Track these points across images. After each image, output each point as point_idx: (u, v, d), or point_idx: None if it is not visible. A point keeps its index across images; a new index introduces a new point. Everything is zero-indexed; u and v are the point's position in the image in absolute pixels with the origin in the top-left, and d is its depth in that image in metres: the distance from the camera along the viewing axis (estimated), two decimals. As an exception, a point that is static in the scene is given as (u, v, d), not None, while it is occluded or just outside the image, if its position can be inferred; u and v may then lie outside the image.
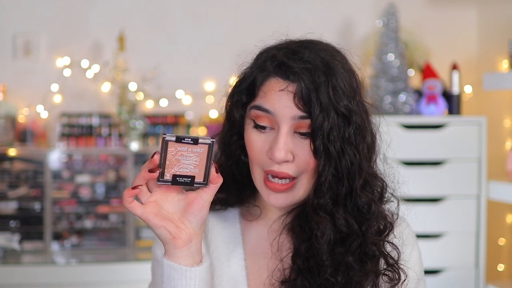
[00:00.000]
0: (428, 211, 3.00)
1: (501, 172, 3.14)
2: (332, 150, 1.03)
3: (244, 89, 1.10)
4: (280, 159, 1.03)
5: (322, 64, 1.04)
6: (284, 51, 1.06)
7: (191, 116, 3.68)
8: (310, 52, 1.05)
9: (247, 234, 1.18)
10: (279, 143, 1.03)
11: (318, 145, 1.03)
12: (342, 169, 1.04)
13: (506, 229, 3.32)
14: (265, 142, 1.06)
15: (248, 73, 1.11)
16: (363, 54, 3.45)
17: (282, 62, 1.04)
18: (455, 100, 3.19)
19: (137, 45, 3.65)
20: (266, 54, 1.10)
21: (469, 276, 3.02)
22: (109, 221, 3.55)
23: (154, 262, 1.15)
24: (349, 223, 1.05)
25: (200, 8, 3.74)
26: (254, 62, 1.12)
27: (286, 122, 1.03)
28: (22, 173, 3.52)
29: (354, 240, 1.06)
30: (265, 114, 1.05)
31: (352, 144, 1.04)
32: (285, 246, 1.13)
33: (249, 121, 1.08)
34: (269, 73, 1.06)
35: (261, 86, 1.07)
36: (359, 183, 1.05)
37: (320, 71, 1.03)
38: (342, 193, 1.05)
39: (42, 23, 3.66)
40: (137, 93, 3.55)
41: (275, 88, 1.04)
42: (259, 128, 1.06)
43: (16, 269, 3.22)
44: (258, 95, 1.06)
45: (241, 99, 1.10)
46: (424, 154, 3.03)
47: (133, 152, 3.54)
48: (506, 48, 3.01)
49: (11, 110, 3.58)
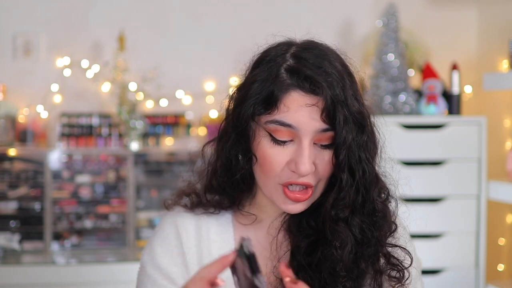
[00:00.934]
0: (428, 211, 3.00)
1: (501, 172, 3.14)
2: (354, 163, 1.03)
3: (259, 101, 1.04)
4: (305, 172, 1.02)
5: (337, 74, 1.03)
6: (297, 61, 1.04)
7: (191, 116, 3.68)
8: (323, 60, 1.04)
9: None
10: (304, 156, 1.02)
11: (342, 160, 1.03)
12: (360, 178, 1.04)
13: (506, 229, 3.32)
14: (285, 155, 1.04)
15: (260, 85, 1.05)
16: (363, 54, 3.45)
17: (305, 75, 1.02)
18: (455, 100, 3.19)
19: (137, 45, 3.65)
20: (272, 63, 1.06)
21: (469, 276, 3.02)
22: (109, 221, 3.55)
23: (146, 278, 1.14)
24: (364, 231, 1.06)
25: (200, 8, 3.74)
26: (257, 69, 1.08)
27: (308, 135, 1.02)
28: (22, 173, 3.52)
29: (368, 246, 1.06)
30: (286, 129, 1.02)
31: (367, 151, 1.05)
32: (283, 245, 1.13)
33: (263, 134, 1.05)
34: (289, 85, 1.02)
35: (282, 99, 1.02)
36: (375, 190, 1.07)
37: (339, 82, 1.02)
38: (359, 201, 1.06)
39: (42, 23, 3.66)
40: (137, 93, 3.55)
41: (300, 103, 1.02)
42: (279, 142, 1.04)
43: (16, 269, 3.22)
44: (279, 109, 1.02)
45: (257, 112, 1.04)
46: (424, 154, 3.03)
47: (133, 152, 3.54)
48: (506, 48, 3.01)
49: (11, 110, 3.58)
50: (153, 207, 3.58)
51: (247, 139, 1.07)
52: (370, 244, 1.06)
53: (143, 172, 3.61)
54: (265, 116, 1.04)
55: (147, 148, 3.65)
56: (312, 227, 1.11)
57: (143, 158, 3.62)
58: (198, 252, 1.14)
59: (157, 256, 1.14)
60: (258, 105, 1.04)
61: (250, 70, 1.10)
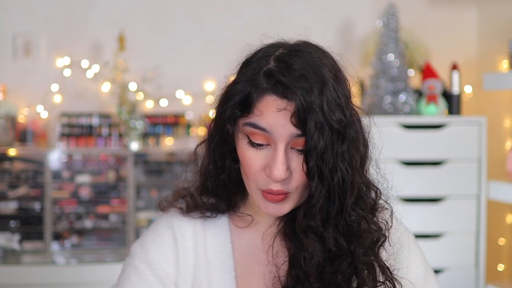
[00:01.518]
0: (428, 211, 3.00)
1: (501, 172, 3.14)
2: (325, 171, 1.00)
3: (236, 103, 1.04)
4: (278, 177, 1.00)
5: (316, 78, 1.00)
6: (277, 65, 1.02)
7: (191, 116, 3.69)
8: (303, 64, 1.01)
9: (238, 242, 1.16)
10: (277, 162, 1.00)
11: (312, 166, 1.00)
12: (334, 188, 1.01)
13: (506, 229, 3.32)
14: (261, 158, 1.03)
15: (239, 87, 1.05)
16: (363, 54, 3.45)
17: (278, 80, 1.00)
18: (455, 100, 3.19)
19: (137, 45, 3.65)
20: (256, 64, 1.05)
21: (469, 276, 3.02)
22: (109, 221, 3.56)
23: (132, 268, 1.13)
24: (338, 242, 1.03)
25: (200, 8, 3.74)
26: (241, 71, 1.08)
27: (283, 140, 1.01)
28: (22, 173, 3.52)
29: (343, 259, 1.04)
30: (261, 132, 1.01)
31: (345, 160, 1.01)
32: (280, 252, 1.11)
33: (242, 136, 1.04)
34: (264, 90, 1.01)
35: (256, 103, 1.01)
36: (350, 200, 1.03)
37: (315, 87, 0.99)
38: (333, 212, 1.03)
39: (42, 23, 3.66)
40: (137, 93, 3.55)
41: (272, 107, 1.00)
42: (254, 145, 1.03)
43: (16, 269, 3.22)
44: (253, 113, 1.02)
45: (235, 114, 1.04)
46: (424, 154, 3.03)
47: (133, 152, 3.54)
48: (506, 48, 3.01)
49: (11, 110, 3.58)
50: (153, 207, 3.58)
51: (230, 140, 1.07)
52: (345, 257, 1.03)
53: (143, 172, 3.61)
54: (242, 118, 1.04)
55: (147, 148, 3.65)
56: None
57: (143, 158, 3.62)
58: (195, 255, 1.13)
59: (149, 251, 1.13)
60: (235, 107, 1.04)
61: (238, 71, 1.10)
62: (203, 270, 1.12)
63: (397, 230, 1.15)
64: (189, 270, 1.12)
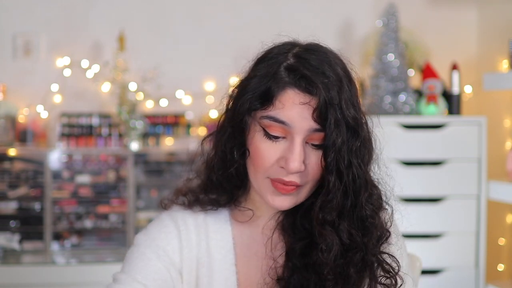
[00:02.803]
0: (428, 211, 3.00)
1: (501, 172, 3.14)
2: (341, 166, 1.04)
3: (256, 96, 1.06)
4: (295, 169, 1.03)
5: (335, 77, 1.04)
6: (297, 60, 1.05)
7: (191, 116, 3.69)
8: (323, 62, 1.05)
9: (239, 237, 1.18)
10: (295, 154, 1.03)
11: (330, 162, 1.03)
12: (349, 183, 1.05)
13: (506, 229, 3.32)
14: (277, 151, 1.06)
15: (258, 80, 1.07)
16: (363, 54, 3.45)
17: (302, 74, 1.03)
18: (455, 100, 3.19)
19: (137, 45, 3.65)
20: (275, 60, 1.07)
21: (469, 276, 3.02)
22: (109, 221, 3.56)
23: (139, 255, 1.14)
24: (352, 236, 1.06)
25: (200, 8, 3.74)
26: (258, 65, 1.09)
27: (301, 134, 1.04)
28: (22, 173, 3.52)
29: (356, 252, 1.06)
30: (279, 125, 1.04)
31: (359, 157, 1.05)
32: (278, 245, 1.14)
33: (258, 129, 1.07)
34: (286, 83, 1.04)
35: (278, 96, 1.04)
36: (364, 196, 1.06)
37: (335, 86, 1.03)
38: (347, 206, 1.06)
39: (42, 23, 3.66)
40: (137, 93, 3.55)
41: (295, 101, 1.03)
42: (271, 137, 1.05)
43: (16, 269, 3.22)
44: (274, 105, 1.04)
45: (253, 106, 1.06)
46: (424, 154, 3.03)
47: (133, 152, 3.54)
48: (506, 48, 3.01)
49: (11, 110, 3.58)
50: (153, 207, 3.58)
51: (242, 133, 1.09)
52: (358, 250, 1.06)
53: (143, 172, 3.61)
54: (261, 111, 1.06)
55: (147, 148, 3.65)
56: (306, 229, 1.11)
57: (143, 158, 3.62)
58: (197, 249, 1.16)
59: (155, 239, 1.15)
60: (254, 99, 1.06)
61: (252, 67, 1.11)
62: (205, 264, 1.15)
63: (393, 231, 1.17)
64: (193, 262, 1.15)
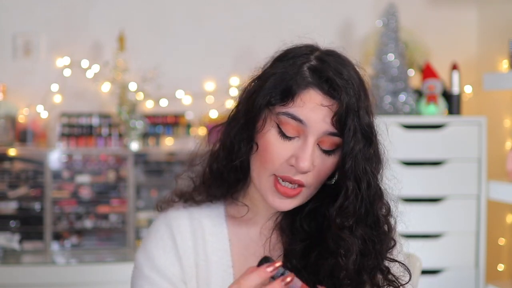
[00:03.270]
0: (428, 211, 3.00)
1: (501, 172, 3.14)
2: (359, 173, 1.05)
3: (278, 91, 1.06)
4: (305, 169, 1.04)
5: (355, 84, 1.05)
6: (320, 63, 1.06)
7: (191, 116, 3.68)
8: (345, 69, 1.06)
9: (235, 238, 1.17)
10: (306, 153, 1.04)
11: (349, 168, 1.05)
12: (364, 190, 1.06)
13: (506, 229, 3.32)
14: (288, 149, 1.06)
15: (280, 75, 1.07)
16: (363, 54, 3.45)
17: (327, 77, 1.04)
18: (455, 100, 3.19)
19: (137, 45, 3.65)
20: (295, 60, 1.08)
21: (469, 276, 3.02)
22: (109, 221, 3.55)
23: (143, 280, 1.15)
24: (366, 242, 1.07)
25: (200, 8, 3.74)
26: (279, 62, 1.10)
27: (315, 135, 1.04)
28: (22, 173, 3.52)
29: (369, 258, 1.08)
30: (296, 123, 1.05)
31: (372, 165, 1.07)
32: (276, 246, 1.14)
33: (273, 124, 1.07)
34: (310, 83, 1.05)
35: (300, 94, 1.04)
36: (378, 204, 1.08)
37: (355, 92, 1.04)
38: (362, 213, 1.07)
39: (42, 23, 3.66)
40: (137, 93, 3.55)
41: (316, 101, 1.04)
42: (285, 135, 1.06)
43: (16, 269, 3.22)
44: (294, 103, 1.04)
45: (274, 101, 1.06)
46: (424, 154, 3.03)
47: (133, 152, 3.54)
48: (506, 48, 3.01)
49: (11, 110, 3.58)
50: (153, 207, 3.57)
51: (254, 127, 1.09)
52: (371, 256, 1.07)
53: (143, 172, 3.61)
54: (280, 107, 1.06)
55: (147, 148, 3.65)
56: (306, 231, 1.12)
57: (143, 158, 3.62)
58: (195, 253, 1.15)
59: (155, 257, 1.15)
60: (276, 94, 1.06)
61: (270, 64, 1.12)
62: (203, 268, 1.14)
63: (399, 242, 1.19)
64: (192, 268, 1.15)
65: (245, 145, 1.10)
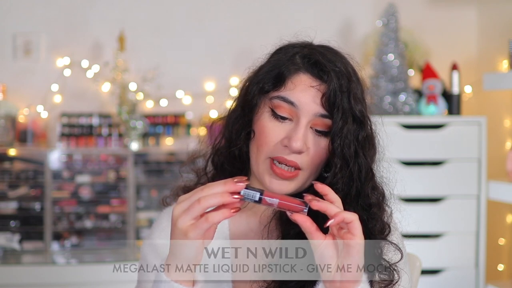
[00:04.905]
0: (428, 211, 3.00)
1: (501, 172, 3.14)
2: (347, 152, 1.08)
3: (270, 77, 1.12)
4: (297, 148, 1.07)
5: (345, 69, 1.10)
6: (312, 51, 1.11)
7: (191, 116, 3.68)
8: (334, 56, 1.11)
9: (235, 227, 1.21)
10: (298, 133, 1.08)
11: (336, 147, 1.08)
12: (354, 171, 1.09)
13: (506, 229, 3.32)
14: (281, 131, 1.10)
15: (273, 63, 1.13)
16: (363, 54, 3.45)
17: (316, 60, 1.09)
18: (455, 100, 3.19)
19: (137, 45, 3.65)
20: (290, 49, 1.13)
21: (469, 276, 3.02)
22: (109, 221, 3.55)
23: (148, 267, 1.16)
24: None
25: (200, 8, 3.74)
26: (277, 54, 1.15)
27: (307, 116, 1.08)
28: (22, 173, 3.52)
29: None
30: (288, 106, 1.09)
31: (364, 148, 1.10)
32: (274, 234, 1.16)
33: (267, 109, 1.12)
34: (300, 67, 1.10)
35: (291, 78, 1.10)
36: (369, 185, 1.11)
37: (345, 77, 1.09)
38: (352, 193, 1.10)
39: (42, 23, 3.66)
40: (137, 93, 3.55)
41: (306, 83, 1.09)
42: (278, 117, 1.10)
43: (16, 269, 3.22)
44: (286, 86, 1.10)
45: (266, 87, 1.12)
46: (424, 154, 3.03)
47: (133, 152, 3.54)
48: (506, 48, 3.01)
49: (11, 110, 3.58)
50: (153, 207, 3.58)
51: (250, 115, 1.14)
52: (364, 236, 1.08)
53: (143, 172, 3.61)
54: (272, 92, 1.11)
55: (147, 148, 3.65)
56: None
57: (143, 158, 3.62)
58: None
59: (158, 246, 1.18)
60: (268, 81, 1.12)
61: (268, 58, 1.17)
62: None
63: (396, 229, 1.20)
64: None
65: (244, 133, 1.15)
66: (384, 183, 1.16)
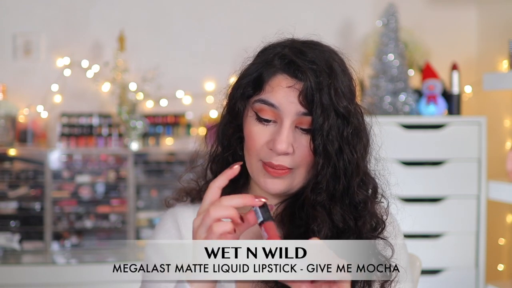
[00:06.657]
0: (428, 211, 3.00)
1: (501, 172, 3.14)
2: (330, 149, 1.07)
3: (250, 82, 1.13)
4: (282, 150, 1.07)
5: (326, 66, 1.08)
6: (291, 50, 1.10)
7: (191, 116, 3.69)
8: (315, 53, 1.10)
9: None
10: (282, 135, 1.07)
11: (318, 144, 1.07)
12: (340, 167, 1.08)
13: (506, 229, 3.32)
14: (267, 134, 1.10)
15: (254, 68, 1.13)
16: (363, 54, 3.45)
17: (291, 60, 1.09)
18: (455, 100, 3.19)
19: (137, 45, 3.65)
20: (271, 50, 1.13)
21: (469, 276, 3.02)
22: (109, 221, 3.56)
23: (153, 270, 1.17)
24: (345, 219, 1.09)
25: (200, 8, 3.74)
26: (258, 57, 1.16)
27: (289, 117, 1.08)
28: (22, 173, 3.52)
29: (349, 236, 1.09)
30: (269, 108, 1.09)
31: (350, 143, 1.09)
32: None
33: (251, 114, 1.12)
34: (277, 69, 1.10)
35: (268, 81, 1.10)
36: (355, 181, 1.10)
37: (324, 73, 1.08)
38: (339, 190, 1.09)
39: (42, 23, 3.66)
40: (137, 93, 3.55)
41: (283, 84, 1.09)
42: (262, 121, 1.10)
43: (16, 269, 3.22)
44: (265, 90, 1.10)
45: (247, 92, 1.13)
46: (424, 154, 3.03)
47: (133, 152, 3.54)
48: (506, 48, 3.01)
49: (11, 110, 3.58)
50: (153, 207, 3.58)
51: (239, 119, 1.15)
52: (351, 233, 1.09)
53: (143, 172, 3.61)
54: (254, 96, 1.12)
55: (147, 148, 3.65)
56: (302, 218, 1.14)
57: (143, 158, 3.62)
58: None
59: (162, 247, 1.18)
60: (248, 86, 1.13)
61: (252, 60, 1.17)
62: None
63: (390, 223, 1.19)
64: None
65: (234, 138, 1.17)
66: (377, 177, 1.16)
